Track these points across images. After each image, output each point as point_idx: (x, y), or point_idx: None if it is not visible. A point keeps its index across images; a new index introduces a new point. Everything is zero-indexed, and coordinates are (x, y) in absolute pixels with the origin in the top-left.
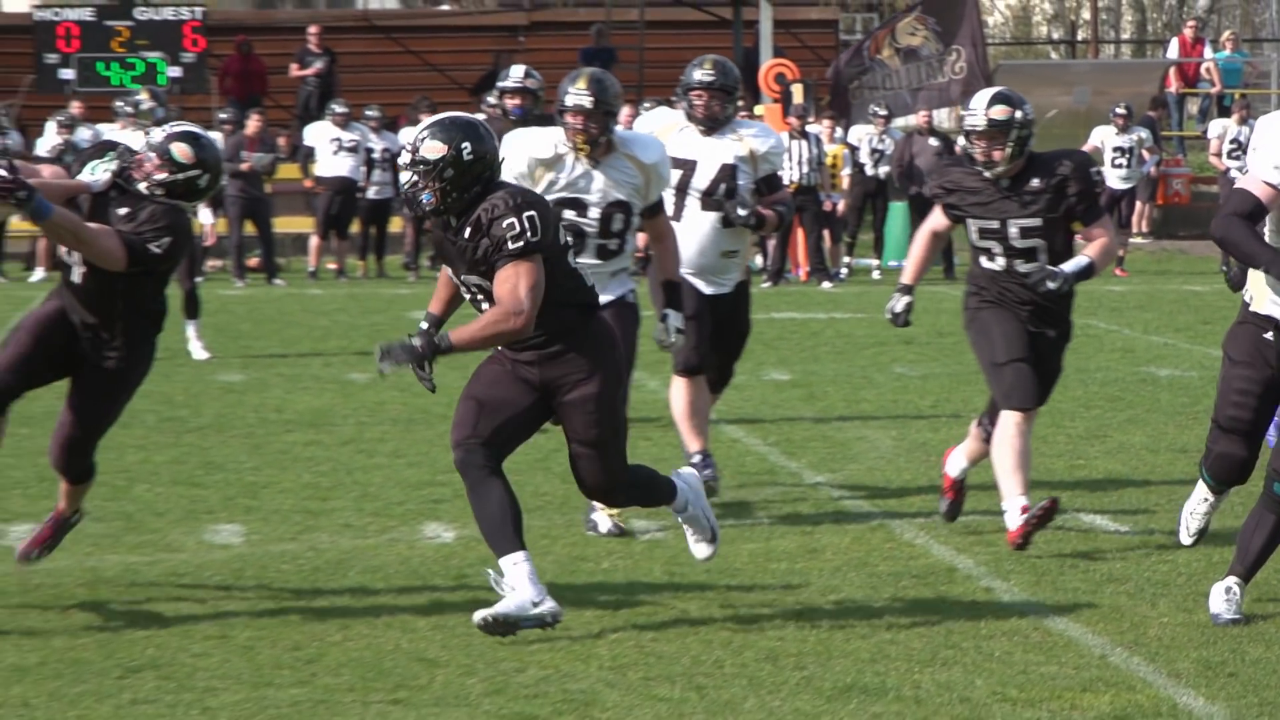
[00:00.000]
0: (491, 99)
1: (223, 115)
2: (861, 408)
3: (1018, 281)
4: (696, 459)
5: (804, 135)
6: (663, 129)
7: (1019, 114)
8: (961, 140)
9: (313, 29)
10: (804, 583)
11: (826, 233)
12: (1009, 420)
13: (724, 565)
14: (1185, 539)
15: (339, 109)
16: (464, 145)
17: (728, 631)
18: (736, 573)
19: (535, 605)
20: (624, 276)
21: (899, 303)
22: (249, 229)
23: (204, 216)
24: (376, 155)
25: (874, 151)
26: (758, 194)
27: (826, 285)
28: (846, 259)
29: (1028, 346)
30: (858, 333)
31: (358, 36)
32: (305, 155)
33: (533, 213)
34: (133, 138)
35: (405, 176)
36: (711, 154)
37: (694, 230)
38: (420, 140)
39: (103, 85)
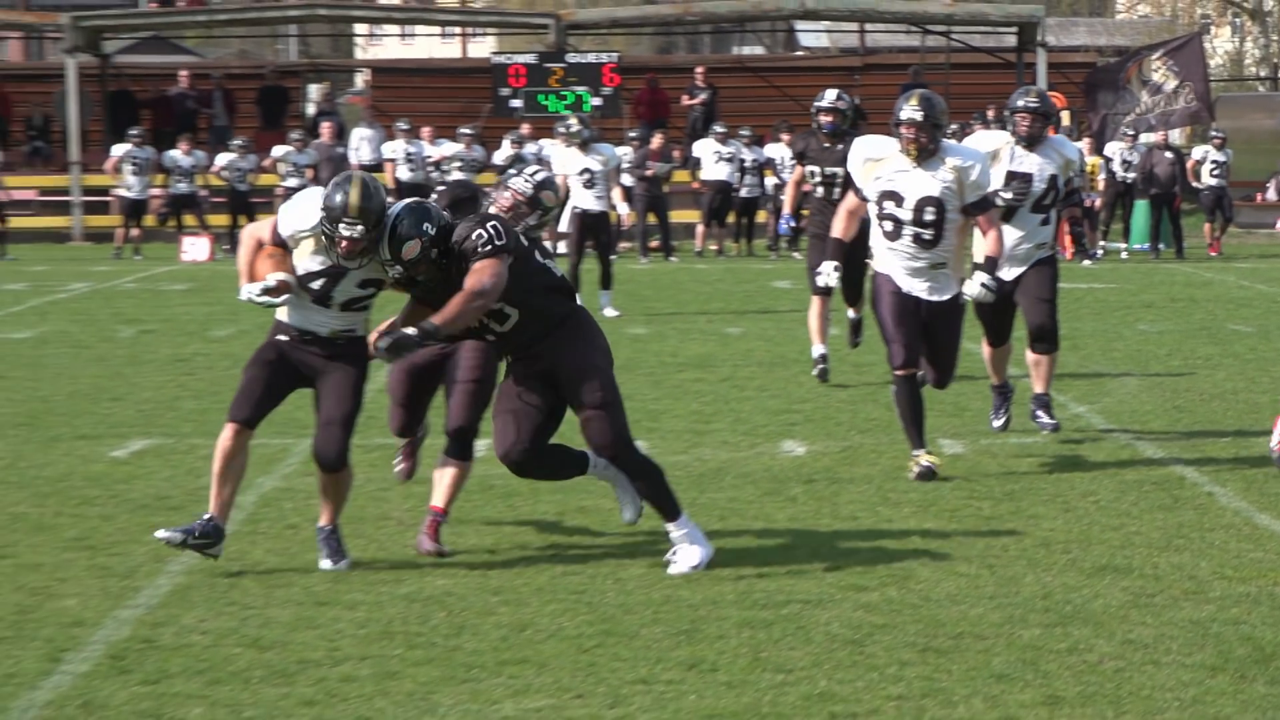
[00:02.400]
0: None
1: (632, 134)
2: (1113, 355)
3: None
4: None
5: None
6: (991, 146)
7: None
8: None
9: (699, 69)
10: (1070, 487)
11: (1087, 223)
12: None
13: (1009, 471)
14: None
15: (719, 129)
16: (425, 227)
17: (1011, 523)
18: (1019, 479)
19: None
20: (947, 277)
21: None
22: (651, 219)
23: (621, 209)
24: (747, 164)
25: (1124, 162)
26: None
27: (1086, 263)
28: (1102, 243)
29: None
30: (1110, 299)
31: (733, 74)
32: (694, 164)
33: (494, 223)
34: (565, 152)
35: (394, 273)
36: (1040, 168)
37: (1023, 228)
38: (397, 250)
39: (541, 112)
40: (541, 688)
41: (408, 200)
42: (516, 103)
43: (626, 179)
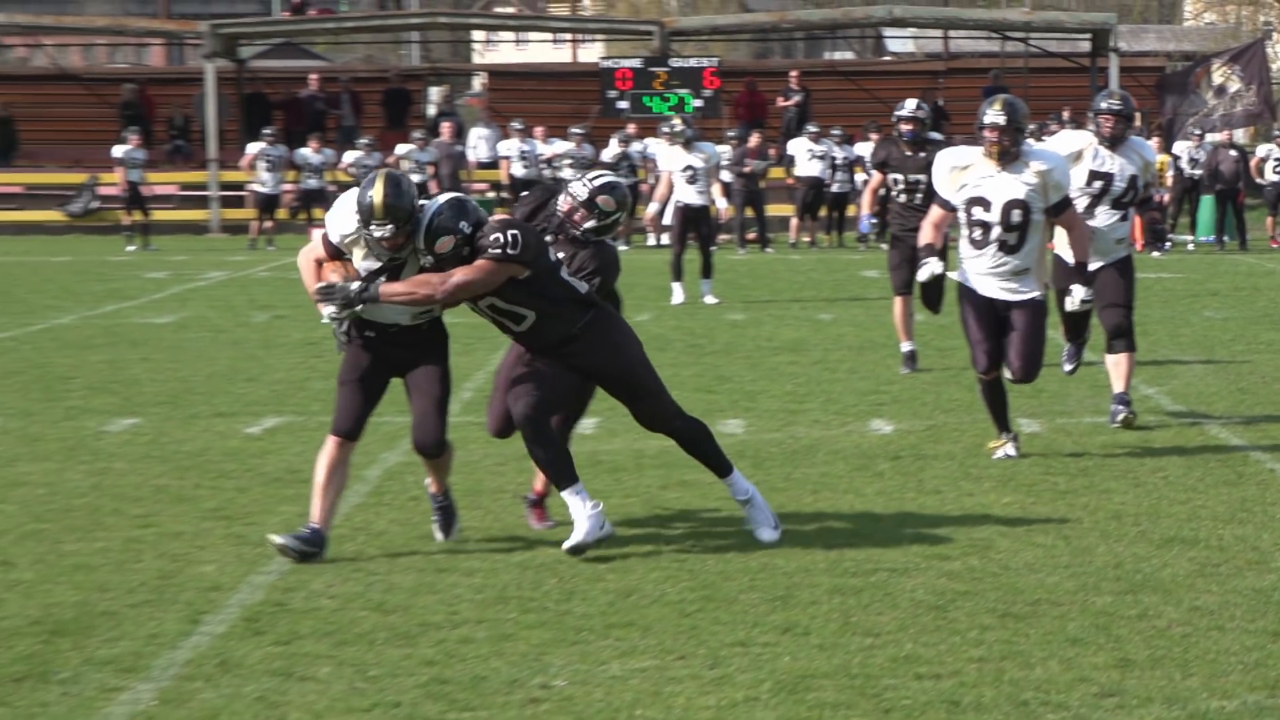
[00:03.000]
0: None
1: (731, 133)
2: (1180, 341)
3: None
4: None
5: None
6: (1074, 146)
7: None
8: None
9: (794, 73)
10: (1140, 463)
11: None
12: None
13: (1082, 449)
14: None
15: (812, 128)
16: (462, 225)
17: (1085, 497)
18: (1092, 456)
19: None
20: (1030, 278)
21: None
22: (749, 213)
23: (720, 203)
24: (838, 161)
25: (1191, 160)
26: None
27: (1156, 254)
28: (1170, 236)
29: None
30: (1177, 288)
31: (825, 78)
32: (788, 161)
33: (516, 232)
34: (670, 150)
35: (425, 262)
36: (1121, 168)
37: (1102, 223)
38: (432, 242)
39: (646, 113)
40: (646, 649)
41: (450, 195)
42: (623, 104)
43: (726, 175)
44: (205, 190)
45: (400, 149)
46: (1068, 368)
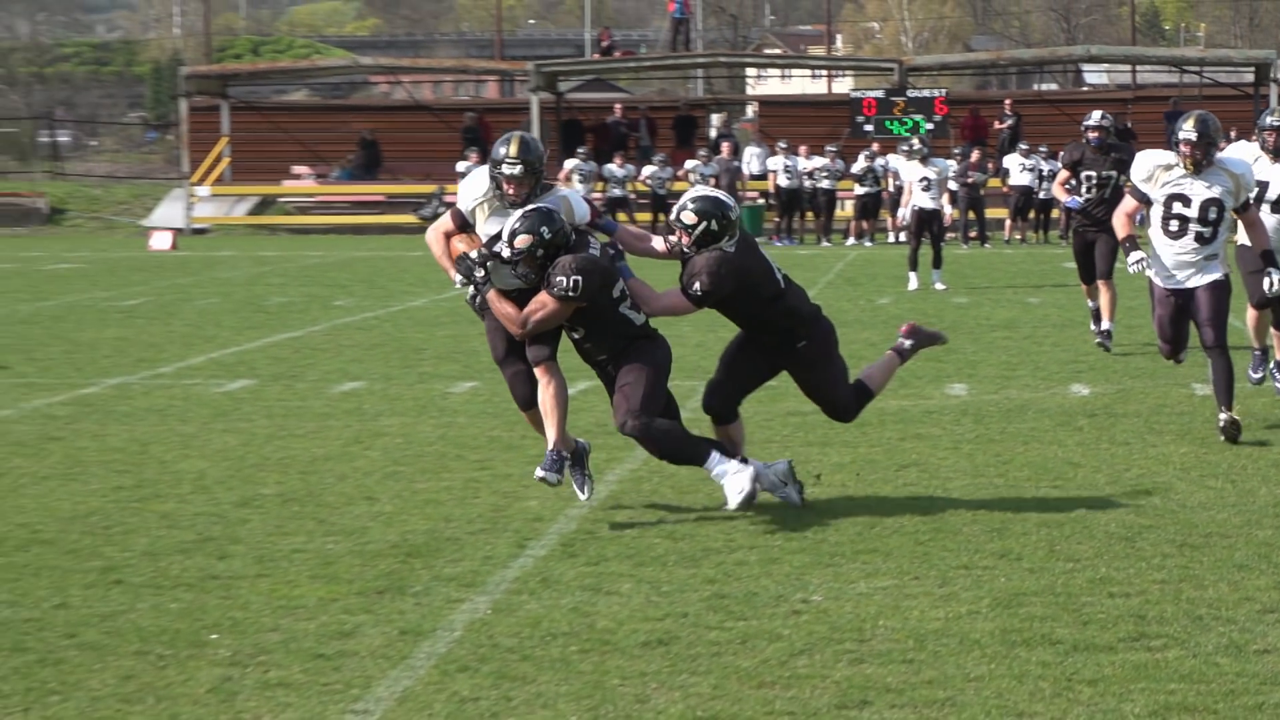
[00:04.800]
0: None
1: (957, 150)
2: None
3: None
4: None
5: None
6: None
7: None
8: None
9: (1008, 101)
10: (1271, 441)
11: None
12: None
13: (1249, 409)
14: None
15: (1023, 146)
16: (543, 230)
17: (1249, 449)
18: (1252, 415)
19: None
20: (1216, 263)
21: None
22: (971, 215)
23: (948, 208)
24: (1044, 173)
25: None
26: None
27: None
28: None
29: None
30: None
31: (1034, 105)
32: (1004, 173)
33: (581, 277)
34: (908, 165)
35: (504, 253)
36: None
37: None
38: (513, 236)
39: (887, 134)
40: (887, 571)
41: (540, 204)
42: (869, 127)
43: (953, 185)
44: None
45: (688, 164)
46: (1254, 376)
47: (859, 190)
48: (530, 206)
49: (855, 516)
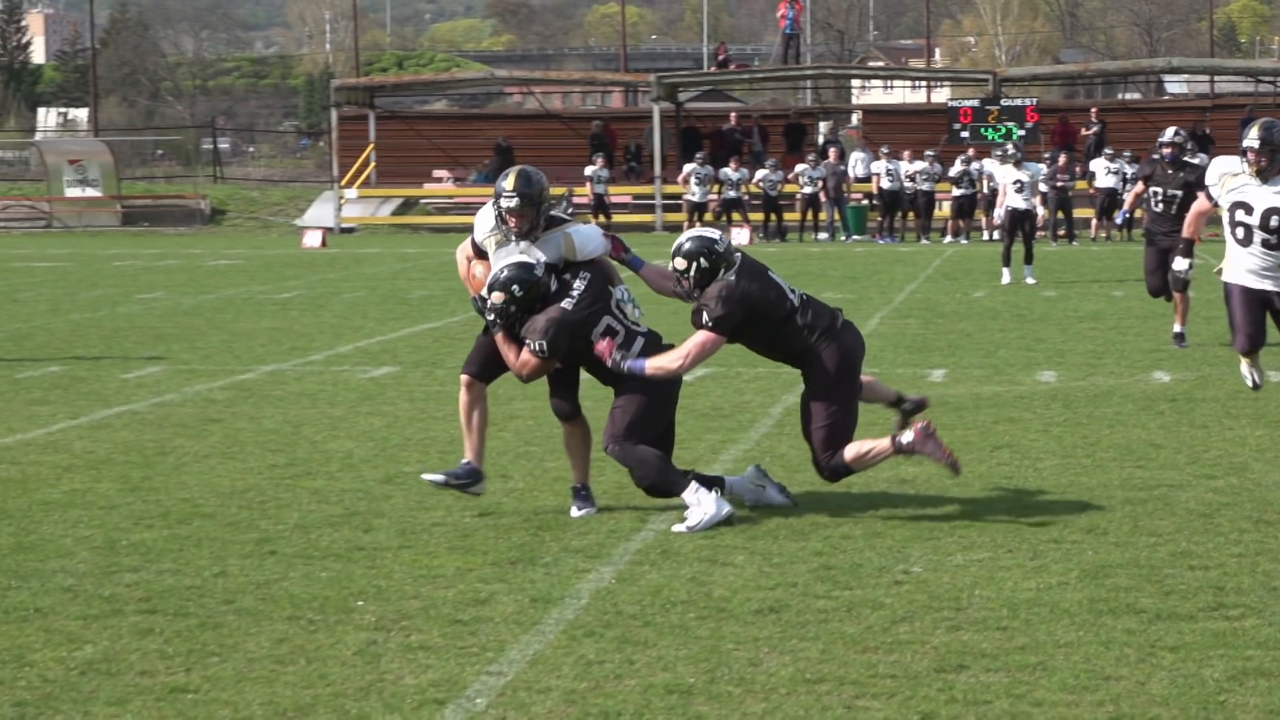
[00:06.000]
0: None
1: (1046, 155)
2: None
3: None
4: None
5: None
6: None
7: None
8: None
9: (1094, 109)
10: None
11: None
12: None
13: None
14: None
15: (1108, 151)
16: (514, 289)
17: None
18: None
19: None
20: None
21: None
22: (1059, 215)
23: (1039, 209)
24: (1128, 176)
25: None
26: None
27: None
28: None
29: None
30: None
31: (1118, 113)
32: (1090, 176)
33: (543, 341)
34: (1002, 168)
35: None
36: None
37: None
38: (489, 292)
39: (982, 140)
40: (982, 545)
41: (521, 258)
42: (965, 134)
43: (1043, 187)
44: (651, 199)
45: (797, 168)
46: None
47: (956, 192)
48: (513, 260)
49: (952, 494)
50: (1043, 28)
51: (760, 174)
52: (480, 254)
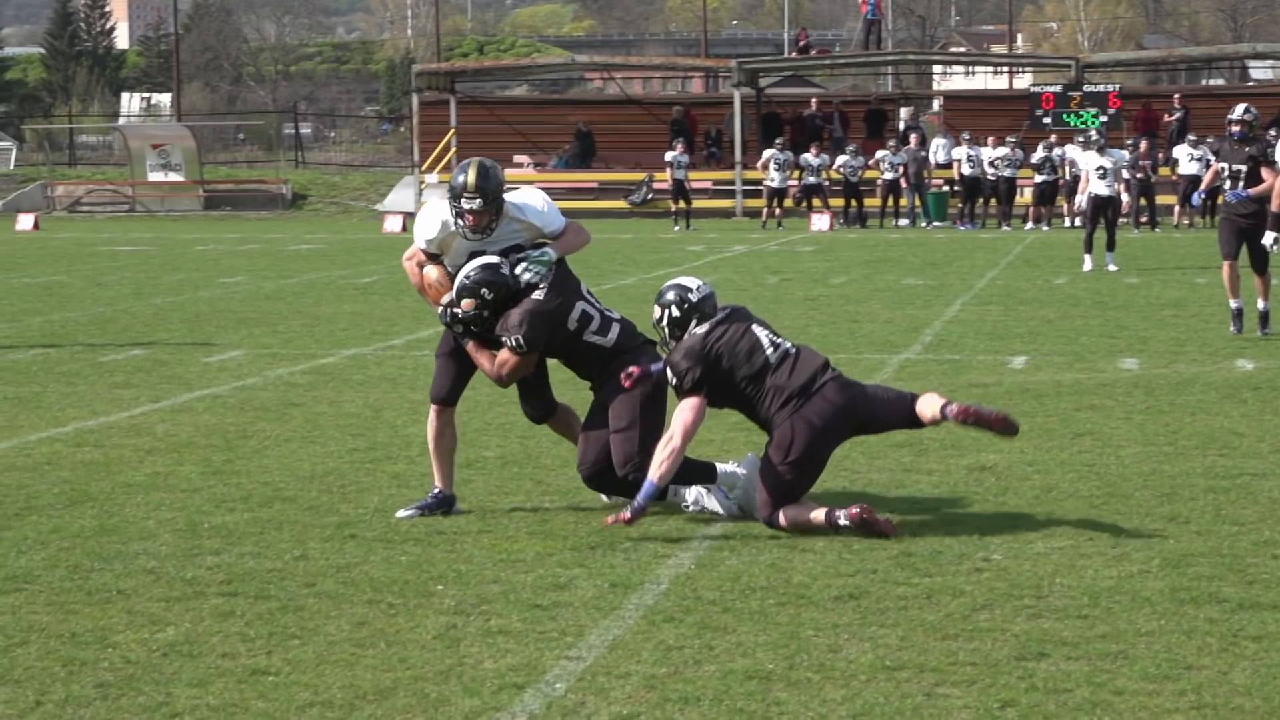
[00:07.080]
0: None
1: (1129, 141)
2: None
3: None
4: None
5: None
6: None
7: None
8: None
9: (1177, 95)
10: None
11: None
12: None
13: None
14: None
15: (1191, 138)
16: (484, 292)
17: None
18: None
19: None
20: None
21: None
22: (1142, 202)
23: (1123, 197)
24: (1212, 163)
25: None
26: None
27: None
28: None
29: None
30: None
31: (1201, 99)
32: (1173, 163)
33: (520, 336)
34: (1085, 154)
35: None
36: None
37: None
38: (458, 299)
39: (1064, 127)
40: (1062, 532)
41: (484, 260)
42: (1047, 120)
43: (1126, 173)
44: (731, 185)
45: (878, 154)
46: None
47: (1037, 178)
48: (477, 262)
49: (1033, 481)
50: (1126, 13)
51: (841, 160)
52: (432, 256)
